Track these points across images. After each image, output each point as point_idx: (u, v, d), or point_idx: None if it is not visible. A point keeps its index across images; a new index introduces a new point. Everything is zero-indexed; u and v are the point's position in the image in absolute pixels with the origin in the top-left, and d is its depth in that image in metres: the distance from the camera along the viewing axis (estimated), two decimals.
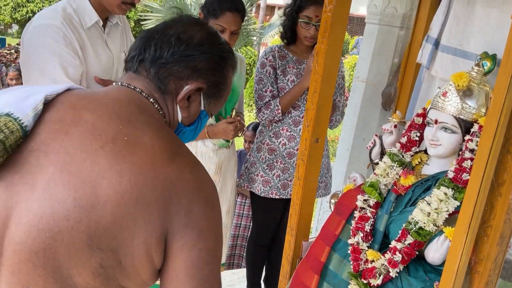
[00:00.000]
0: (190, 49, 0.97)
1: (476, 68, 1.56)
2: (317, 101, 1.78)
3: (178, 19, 1.02)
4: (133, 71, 0.99)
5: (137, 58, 0.98)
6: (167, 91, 0.98)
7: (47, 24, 1.73)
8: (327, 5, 1.68)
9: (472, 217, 1.21)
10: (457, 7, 1.83)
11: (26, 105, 0.85)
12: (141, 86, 0.96)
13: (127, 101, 0.92)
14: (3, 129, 0.80)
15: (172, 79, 0.97)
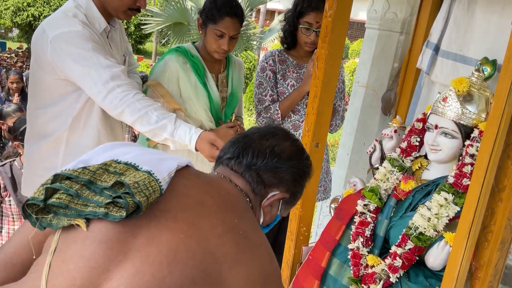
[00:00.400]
0: (281, 162, 1.09)
1: (476, 73, 1.56)
2: (317, 106, 1.78)
3: (273, 132, 1.15)
4: (230, 168, 1.10)
5: (236, 160, 1.10)
6: (258, 194, 1.09)
7: (69, 31, 1.70)
8: (328, 10, 1.68)
9: (473, 223, 1.21)
10: (457, 13, 1.83)
11: (162, 168, 0.94)
12: (241, 185, 1.07)
13: (236, 196, 1.04)
14: (148, 186, 0.88)
15: (262, 185, 1.09)
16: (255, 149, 1.09)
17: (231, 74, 2.34)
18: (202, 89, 2.17)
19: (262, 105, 2.41)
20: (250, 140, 1.12)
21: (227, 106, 2.33)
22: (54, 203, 0.84)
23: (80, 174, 0.88)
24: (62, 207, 0.85)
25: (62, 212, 0.85)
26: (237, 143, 1.13)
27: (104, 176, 0.88)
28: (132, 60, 2.24)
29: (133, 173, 0.90)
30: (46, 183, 0.87)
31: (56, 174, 0.88)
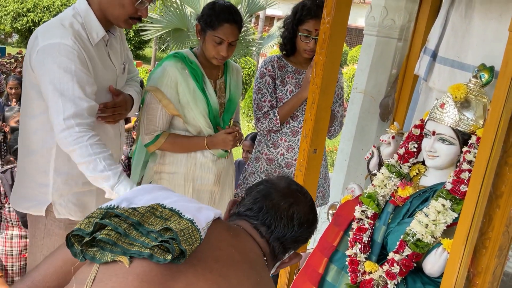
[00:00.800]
0: (305, 232, 1.17)
1: (473, 80, 1.56)
2: (316, 112, 1.78)
3: (301, 198, 1.20)
4: (253, 226, 1.14)
5: (266, 231, 1.13)
6: (277, 258, 1.17)
7: (59, 44, 1.68)
8: (326, 17, 1.69)
9: (470, 229, 1.21)
10: (455, 19, 1.84)
11: (201, 217, 0.99)
12: (262, 245, 1.12)
13: (257, 254, 1.09)
14: (191, 235, 0.93)
15: (283, 251, 1.17)
16: (286, 224, 1.14)
17: (229, 80, 2.35)
18: (201, 95, 2.17)
19: (261, 111, 2.41)
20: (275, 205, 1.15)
21: (225, 111, 2.33)
22: (103, 239, 0.89)
23: (130, 214, 0.93)
24: (110, 243, 0.89)
25: (108, 248, 0.90)
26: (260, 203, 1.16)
27: (151, 219, 0.94)
28: (132, 68, 2.23)
29: (177, 219, 0.95)
30: (94, 216, 0.93)
31: (106, 211, 0.94)
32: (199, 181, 2.28)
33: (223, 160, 2.34)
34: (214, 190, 2.35)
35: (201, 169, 2.28)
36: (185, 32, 8.31)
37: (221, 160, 2.33)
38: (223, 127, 2.30)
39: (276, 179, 1.24)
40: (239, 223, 1.15)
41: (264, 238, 1.13)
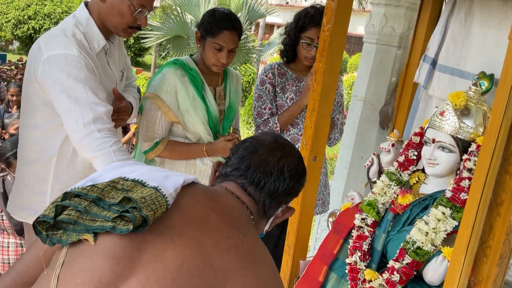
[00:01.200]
0: (296, 184, 1.14)
1: (473, 87, 1.57)
2: (316, 120, 1.78)
3: (290, 151, 1.16)
4: (240, 187, 1.10)
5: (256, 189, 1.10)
6: (266, 215, 1.13)
7: (65, 54, 1.66)
8: (325, 25, 1.69)
9: (471, 237, 1.21)
10: (454, 27, 1.84)
11: (168, 184, 0.96)
12: (248, 204, 1.08)
13: (240, 212, 1.05)
14: (154, 201, 0.90)
15: (275, 206, 1.13)
16: (276, 178, 1.11)
17: (229, 87, 2.35)
18: (201, 102, 2.17)
19: (261, 118, 2.41)
20: (264, 161, 1.11)
21: (225, 119, 2.33)
22: (64, 219, 0.88)
23: (89, 191, 0.91)
24: (71, 223, 0.88)
25: (71, 228, 0.88)
26: (247, 161, 1.12)
27: (112, 193, 0.91)
28: (130, 74, 2.23)
29: (140, 189, 0.93)
30: (56, 201, 0.91)
31: (66, 192, 0.92)
32: None
33: None
34: None
35: (200, 176, 2.27)
36: (185, 39, 8.34)
37: None
38: (223, 134, 2.30)
39: (261, 135, 1.21)
40: (223, 185, 1.11)
41: (250, 196, 1.09)
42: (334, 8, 1.65)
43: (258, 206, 1.10)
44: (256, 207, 1.10)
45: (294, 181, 1.12)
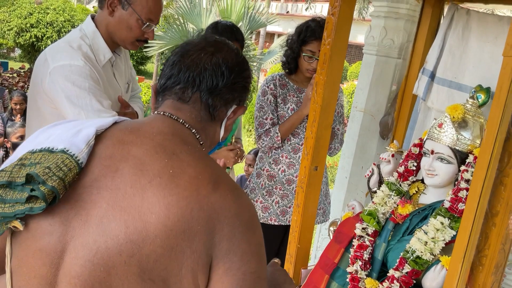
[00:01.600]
0: (237, 77, 1.05)
1: (470, 100, 1.60)
2: (316, 130, 1.82)
3: (223, 46, 1.08)
4: (177, 100, 1.03)
5: (192, 90, 1.02)
6: (216, 118, 1.06)
7: (70, 65, 1.70)
8: (326, 38, 1.74)
9: (467, 247, 1.24)
10: (452, 41, 1.89)
11: (79, 140, 0.90)
12: (184, 117, 1.01)
13: (171, 133, 0.97)
14: (61, 166, 0.85)
15: (222, 107, 1.05)
16: (212, 72, 1.02)
17: None
18: None
19: (263, 128, 2.45)
20: (195, 59, 1.03)
21: None
22: None
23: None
24: None
25: None
26: (179, 65, 1.03)
27: (21, 172, 0.86)
28: (135, 86, 2.28)
29: (47, 158, 0.87)
30: None
31: None
32: None
33: None
34: None
35: None
36: None
37: None
38: (225, 144, 2.34)
39: (192, 38, 1.12)
40: (159, 110, 1.03)
41: (189, 104, 1.01)
42: (334, 22, 1.70)
43: (201, 111, 1.02)
44: (199, 115, 1.02)
45: (234, 74, 1.04)
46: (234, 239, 0.88)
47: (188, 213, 0.84)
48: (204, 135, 1.04)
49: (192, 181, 0.87)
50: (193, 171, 0.89)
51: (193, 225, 0.84)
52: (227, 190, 0.91)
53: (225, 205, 0.88)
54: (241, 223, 0.90)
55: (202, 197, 0.87)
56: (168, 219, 0.83)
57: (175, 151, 0.92)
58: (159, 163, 0.88)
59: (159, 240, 0.83)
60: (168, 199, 0.84)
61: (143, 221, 0.83)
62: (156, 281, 0.84)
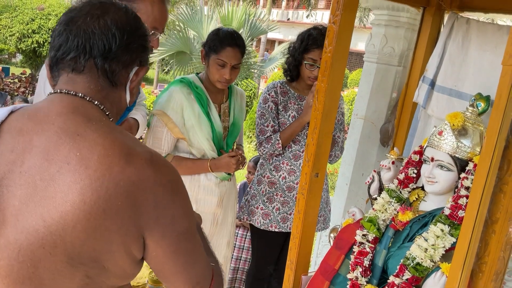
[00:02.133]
0: (131, 36, 0.98)
1: (470, 108, 1.62)
2: (317, 137, 1.83)
3: (110, 7, 0.99)
4: (71, 71, 0.96)
5: (84, 57, 0.94)
6: (117, 84, 0.99)
7: None
8: (327, 46, 1.75)
9: (467, 254, 1.25)
10: (452, 50, 1.91)
11: None
12: (82, 90, 0.95)
13: (72, 112, 0.91)
14: None
15: (122, 70, 0.99)
16: (102, 35, 0.94)
17: (233, 104, 2.41)
18: (205, 119, 2.24)
19: (264, 136, 2.46)
20: (91, 25, 0.95)
21: (229, 135, 2.39)
22: None
23: None
24: None
25: None
26: (65, 33, 0.95)
27: None
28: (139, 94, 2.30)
29: None
30: None
31: None
32: (202, 203, 2.32)
33: (226, 183, 2.38)
34: (216, 213, 2.38)
35: (205, 191, 2.32)
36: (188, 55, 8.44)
37: (224, 183, 2.37)
38: (227, 150, 2.35)
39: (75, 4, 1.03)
40: (56, 88, 0.96)
41: (85, 74, 0.95)
42: (335, 31, 1.71)
43: (99, 80, 0.96)
44: (98, 84, 0.96)
45: (127, 34, 0.97)
46: (160, 205, 0.90)
47: (104, 193, 0.83)
48: (108, 104, 0.99)
49: (102, 160, 0.85)
50: (102, 149, 0.86)
51: (112, 203, 0.84)
52: (142, 160, 0.89)
53: (143, 176, 0.88)
54: (163, 189, 0.91)
55: (116, 173, 0.85)
56: (84, 204, 0.82)
57: (79, 132, 0.88)
58: (64, 148, 0.85)
59: (80, 225, 0.82)
60: (80, 184, 0.83)
61: (59, 211, 0.82)
62: (87, 263, 0.86)
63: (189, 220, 0.98)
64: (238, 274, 3.19)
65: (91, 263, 0.86)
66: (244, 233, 3.23)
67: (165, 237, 0.92)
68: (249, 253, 3.23)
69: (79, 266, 0.85)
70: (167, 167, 0.94)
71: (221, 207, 2.39)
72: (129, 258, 0.91)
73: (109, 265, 0.88)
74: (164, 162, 0.94)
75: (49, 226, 0.82)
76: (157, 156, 0.94)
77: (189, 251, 0.99)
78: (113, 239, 0.86)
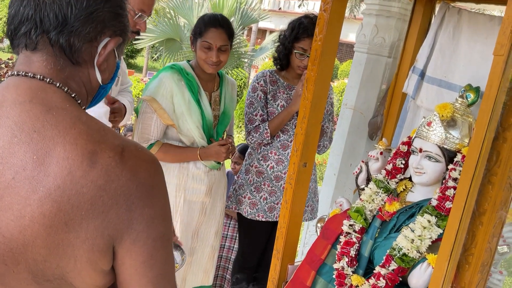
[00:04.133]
0: (93, 3, 0.82)
1: (460, 99, 1.61)
2: (306, 127, 1.81)
3: None
4: (25, 49, 0.82)
5: (35, 31, 0.80)
6: (80, 61, 0.84)
7: None
8: (318, 35, 1.73)
9: (454, 245, 1.24)
10: (442, 40, 1.89)
11: None
12: (39, 70, 0.81)
13: (29, 100, 0.77)
14: None
15: (85, 45, 0.83)
16: (54, 3, 0.79)
17: (224, 93, 2.38)
18: (196, 106, 2.21)
19: (252, 125, 2.44)
20: None
21: (219, 124, 2.36)
22: None
23: None
24: None
25: None
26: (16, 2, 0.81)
27: None
28: (125, 79, 2.26)
29: None
30: None
31: None
32: (190, 192, 2.30)
33: (215, 172, 2.36)
34: (205, 202, 2.36)
35: (193, 180, 2.30)
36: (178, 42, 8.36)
37: (213, 172, 2.35)
38: (216, 139, 2.33)
39: None
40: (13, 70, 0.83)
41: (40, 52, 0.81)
42: (326, 19, 1.69)
43: (59, 57, 0.82)
44: (57, 63, 0.82)
45: (87, 1, 0.81)
46: (133, 207, 0.77)
47: (65, 203, 0.72)
48: (74, 84, 0.84)
49: (62, 164, 0.73)
50: (62, 150, 0.73)
51: (75, 214, 0.73)
52: (110, 157, 0.76)
53: (111, 177, 0.75)
54: (137, 188, 0.77)
55: (78, 179, 0.73)
56: (44, 217, 0.72)
57: (36, 127, 0.75)
58: (20, 149, 0.73)
59: (40, 241, 0.73)
60: (39, 194, 0.72)
61: (18, 225, 0.73)
62: (52, 280, 0.77)
63: (165, 223, 0.84)
64: (221, 262, 3.18)
65: (57, 280, 0.78)
66: (227, 221, 3.22)
67: (138, 243, 0.80)
68: (232, 241, 3.23)
69: (44, 284, 0.77)
70: (143, 162, 0.80)
71: (210, 196, 2.37)
72: (98, 273, 0.81)
73: (76, 281, 0.79)
74: (139, 155, 0.80)
75: (9, 242, 0.74)
76: (131, 148, 0.80)
77: (162, 262, 0.84)
78: (77, 255, 0.76)
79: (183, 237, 2.31)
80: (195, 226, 2.36)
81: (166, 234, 0.84)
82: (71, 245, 0.75)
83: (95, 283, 0.82)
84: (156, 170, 0.83)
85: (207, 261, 2.49)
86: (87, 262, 0.77)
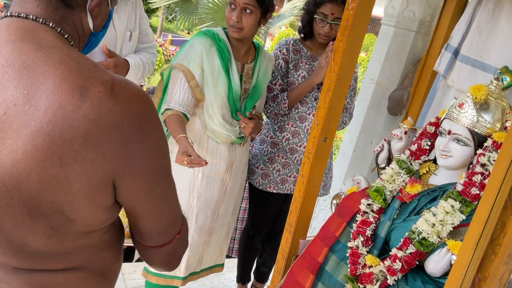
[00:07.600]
0: None
1: (495, 82, 1.54)
2: (330, 100, 1.74)
3: None
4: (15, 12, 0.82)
5: None
6: (73, 4, 0.84)
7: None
8: (350, 3, 1.64)
9: (482, 234, 1.20)
10: (481, 18, 1.80)
11: None
12: (33, 10, 0.81)
13: (21, 39, 0.78)
14: None
15: None
16: None
17: (259, 66, 2.26)
18: (224, 75, 2.10)
19: (271, 94, 2.37)
20: None
21: (249, 97, 2.23)
22: None
23: None
24: None
25: None
26: None
27: None
28: (146, 39, 2.19)
29: None
30: None
31: None
32: (209, 166, 2.20)
33: (237, 147, 2.27)
34: (225, 178, 2.26)
35: (212, 154, 2.21)
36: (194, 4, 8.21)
37: (234, 147, 2.25)
38: (244, 113, 2.22)
39: None
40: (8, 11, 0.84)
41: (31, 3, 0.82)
42: None
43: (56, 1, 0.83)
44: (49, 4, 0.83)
45: None
46: (129, 141, 0.78)
47: (57, 137, 0.73)
48: (68, 27, 0.85)
49: (52, 98, 0.73)
50: (52, 85, 0.74)
51: (68, 148, 0.74)
52: (100, 92, 0.76)
53: (103, 111, 0.75)
54: (130, 123, 0.78)
55: (70, 113, 0.73)
56: (36, 151, 0.73)
57: (26, 63, 0.75)
58: (10, 85, 0.74)
59: (34, 174, 0.74)
60: (31, 128, 0.72)
61: (10, 159, 0.73)
62: (48, 214, 0.78)
63: (162, 155, 0.86)
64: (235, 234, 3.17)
65: (53, 214, 0.78)
66: None
67: (137, 176, 0.82)
68: (244, 213, 3.20)
69: (40, 217, 0.78)
70: (134, 96, 0.80)
71: (230, 173, 2.26)
72: (96, 207, 0.82)
73: (74, 216, 0.80)
74: (131, 89, 0.80)
75: (2, 176, 0.74)
76: (121, 83, 0.79)
77: (164, 192, 0.89)
78: (74, 189, 0.76)
79: (202, 214, 2.24)
80: (215, 205, 2.28)
81: (165, 166, 0.87)
82: (67, 179, 0.76)
83: (94, 218, 0.84)
84: (147, 104, 0.83)
85: (223, 240, 2.45)
86: (84, 196, 0.78)
